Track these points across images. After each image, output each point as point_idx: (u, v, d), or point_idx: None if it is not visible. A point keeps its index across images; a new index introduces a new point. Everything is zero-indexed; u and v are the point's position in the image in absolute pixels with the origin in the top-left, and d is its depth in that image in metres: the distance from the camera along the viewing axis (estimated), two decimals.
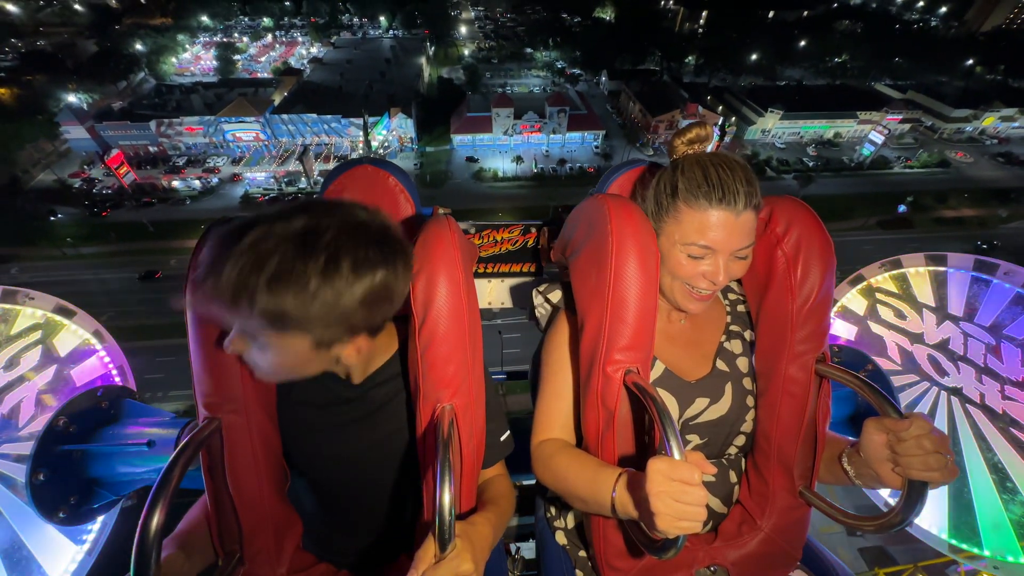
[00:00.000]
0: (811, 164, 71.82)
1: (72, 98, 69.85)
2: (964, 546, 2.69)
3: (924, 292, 3.22)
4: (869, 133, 73.49)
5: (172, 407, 38.44)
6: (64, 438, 2.25)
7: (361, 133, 66.38)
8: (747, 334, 2.09)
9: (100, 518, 2.47)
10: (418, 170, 69.09)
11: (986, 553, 2.65)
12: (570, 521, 2.27)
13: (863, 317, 3.38)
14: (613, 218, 1.71)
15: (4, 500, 2.29)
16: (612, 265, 1.67)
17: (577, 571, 2.14)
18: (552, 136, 72.83)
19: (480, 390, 1.78)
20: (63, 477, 2.22)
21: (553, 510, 2.35)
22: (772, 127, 76.35)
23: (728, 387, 1.97)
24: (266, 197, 62.32)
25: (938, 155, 73.09)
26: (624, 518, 1.57)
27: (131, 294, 48.91)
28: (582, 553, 2.17)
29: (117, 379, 2.75)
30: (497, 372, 3.48)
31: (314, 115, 66.07)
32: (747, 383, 2.00)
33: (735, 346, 2.05)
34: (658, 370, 1.94)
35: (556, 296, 2.21)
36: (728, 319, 2.11)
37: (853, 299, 3.46)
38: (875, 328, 3.31)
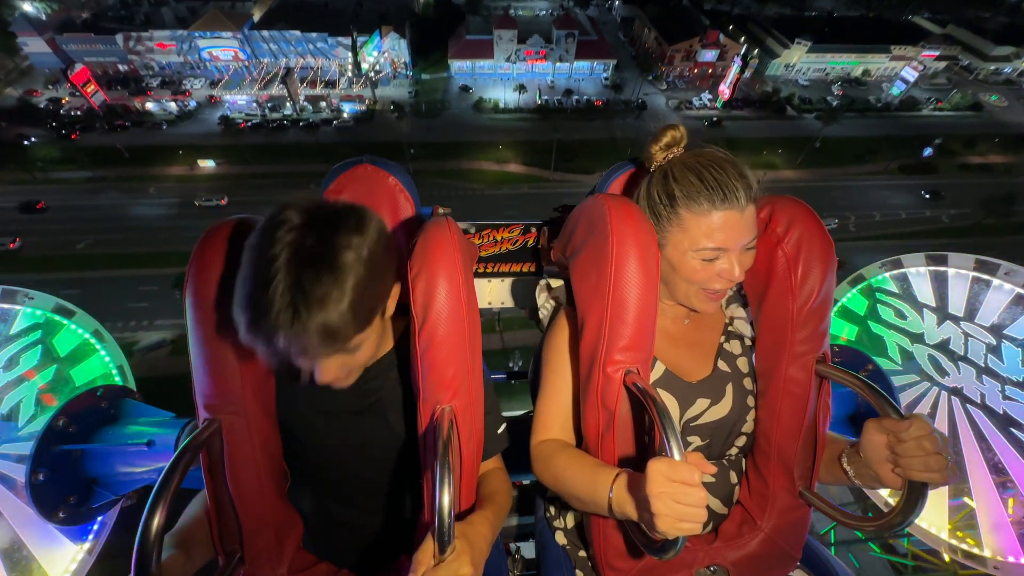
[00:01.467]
0: (835, 104, 70.71)
1: (27, 6, 67.98)
2: (964, 546, 2.81)
3: (924, 292, 3.31)
4: (901, 70, 72.54)
5: (159, 335, 39.76)
6: (64, 438, 2.37)
7: (350, 55, 65.03)
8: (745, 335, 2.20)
9: (100, 518, 2.60)
10: (412, 99, 68.38)
11: (986, 553, 2.77)
12: (570, 521, 2.39)
13: (863, 317, 3.48)
14: (613, 218, 1.80)
15: (4, 500, 2.40)
16: (612, 265, 1.77)
17: (577, 571, 2.27)
18: (559, 65, 71.55)
19: (479, 392, 1.90)
20: (63, 477, 2.34)
21: (553, 510, 2.47)
22: (797, 61, 75.31)
23: (729, 388, 2.08)
24: (248, 123, 61.77)
25: (971, 97, 72.52)
26: (621, 518, 1.68)
27: (110, 221, 49.52)
28: (582, 553, 2.30)
29: (117, 378, 2.85)
30: (497, 373, 3.59)
31: (298, 32, 64.78)
32: (747, 383, 2.11)
33: (734, 347, 2.16)
34: (658, 371, 2.05)
35: (557, 282, 2.34)
36: (727, 319, 2.23)
37: (853, 299, 3.55)
38: (875, 328, 3.41)
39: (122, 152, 57.35)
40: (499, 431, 2.14)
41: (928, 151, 63.88)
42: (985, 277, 3.12)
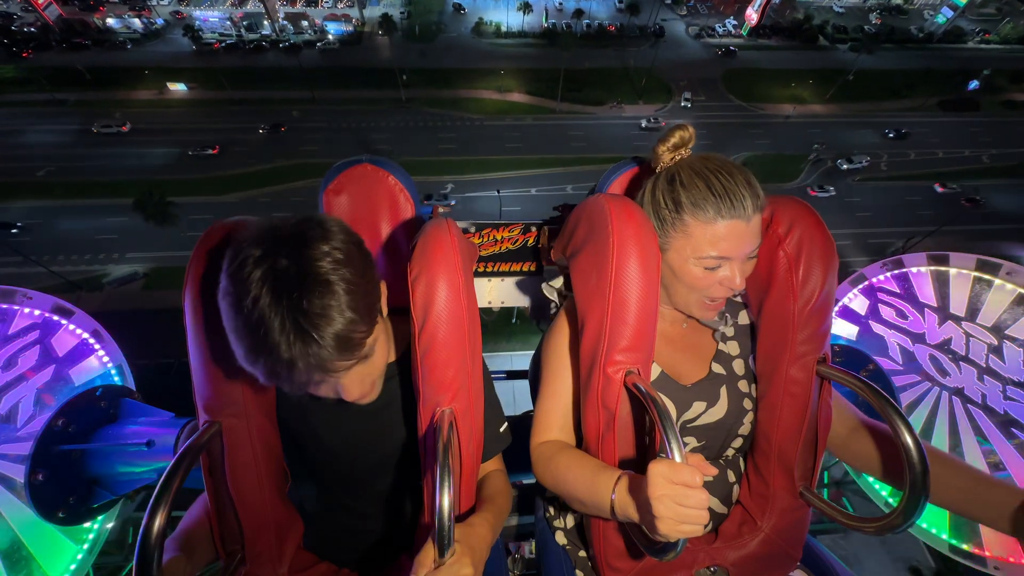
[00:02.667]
0: (873, 33, 69.29)
1: None
2: (965, 546, 2.83)
3: (926, 292, 3.33)
4: None
5: (130, 268, 39.44)
6: (63, 438, 2.39)
7: None
8: (743, 337, 2.22)
9: (100, 518, 2.61)
10: (405, 19, 66.97)
11: (986, 553, 2.78)
12: (570, 521, 2.40)
13: (864, 317, 3.49)
14: (614, 218, 1.80)
15: (4, 500, 2.40)
16: (613, 266, 1.77)
17: (577, 571, 2.27)
18: None
19: (479, 393, 1.92)
20: (62, 477, 2.37)
21: (553, 510, 2.49)
22: None
23: (723, 390, 2.10)
24: (222, 44, 60.84)
25: (1023, 28, 70.12)
26: (624, 520, 1.68)
27: (74, 148, 49.03)
28: (582, 553, 2.31)
29: (116, 378, 2.86)
30: (497, 372, 3.59)
31: None
32: (743, 385, 2.13)
33: (732, 348, 2.17)
34: (654, 373, 2.05)
35: (559, 282, 2.35)
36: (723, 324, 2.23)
37: (855, 299, 3.56)
38: (876, 328, 3.42)
39: (83, 73, 56.42)
40: (501, 430, 2.16)
41: (974, 84, 62.36)
42: (987, 277, 3.13)
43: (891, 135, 58.04)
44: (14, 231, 41.84)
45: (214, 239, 1.76)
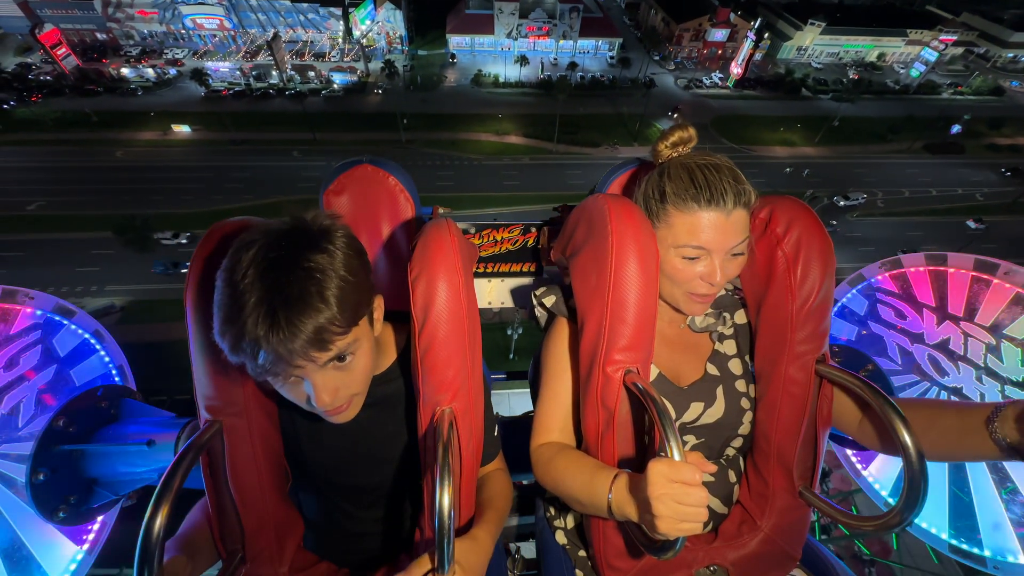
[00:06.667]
0: (852, 85, 73.27)
1: None
2: (964, 546, 2.87)
3: (924, 292, 3.34)
4: (920, 53, 75.89)
5: (107, 301, 40.18)
6: (64, 438, 2.42)
7: (341, 23, 65.20)
8: (741, 336, 2.25)
9: (100, 518, 2.64)
10: (408, 71, 68.76)
11: (986, 553, 2.82)
12: (570, 521, 2.44)
13: (863, 317, 3.52)
14: (613, 218, 1.84)
15: (4, 500, 2.43)
16: (612, 266, 1.81)
17: (577, 571, 2.30)
18: (562, 43, 72.80)
19: (479, 393, 1.95)
20: (63, 477, 2.40)
21: (553, 510, 2.52)
22: (809, 44, 78.35)
23: (719, 390, 2.13)
24: (230, 91, 62.17)
25: (992, 82, 75.25)
26: (621, 519, 1.72)
27: (66, 184, 50.50)
28: (582, 553, 2.34)
29: (117, 379, 2.89)
30: (497, 373, 3.62)
31: (287, 2, 64.37)
32: (740, 385, 2.16)
33: (729, 347, 2.21)
34: (652, 374, 2.08)
35: (550, 300, 2.33)
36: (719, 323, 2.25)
37: (853, 299, 3.59)
38: (875, 328, 3.45)
39: (89, 116, 57.95)
40: (495, 435, 2.19)
41: (956, 128, 66.48)
42: (984, 277, 3.13)
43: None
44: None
45: (216, 239, 1.78)
